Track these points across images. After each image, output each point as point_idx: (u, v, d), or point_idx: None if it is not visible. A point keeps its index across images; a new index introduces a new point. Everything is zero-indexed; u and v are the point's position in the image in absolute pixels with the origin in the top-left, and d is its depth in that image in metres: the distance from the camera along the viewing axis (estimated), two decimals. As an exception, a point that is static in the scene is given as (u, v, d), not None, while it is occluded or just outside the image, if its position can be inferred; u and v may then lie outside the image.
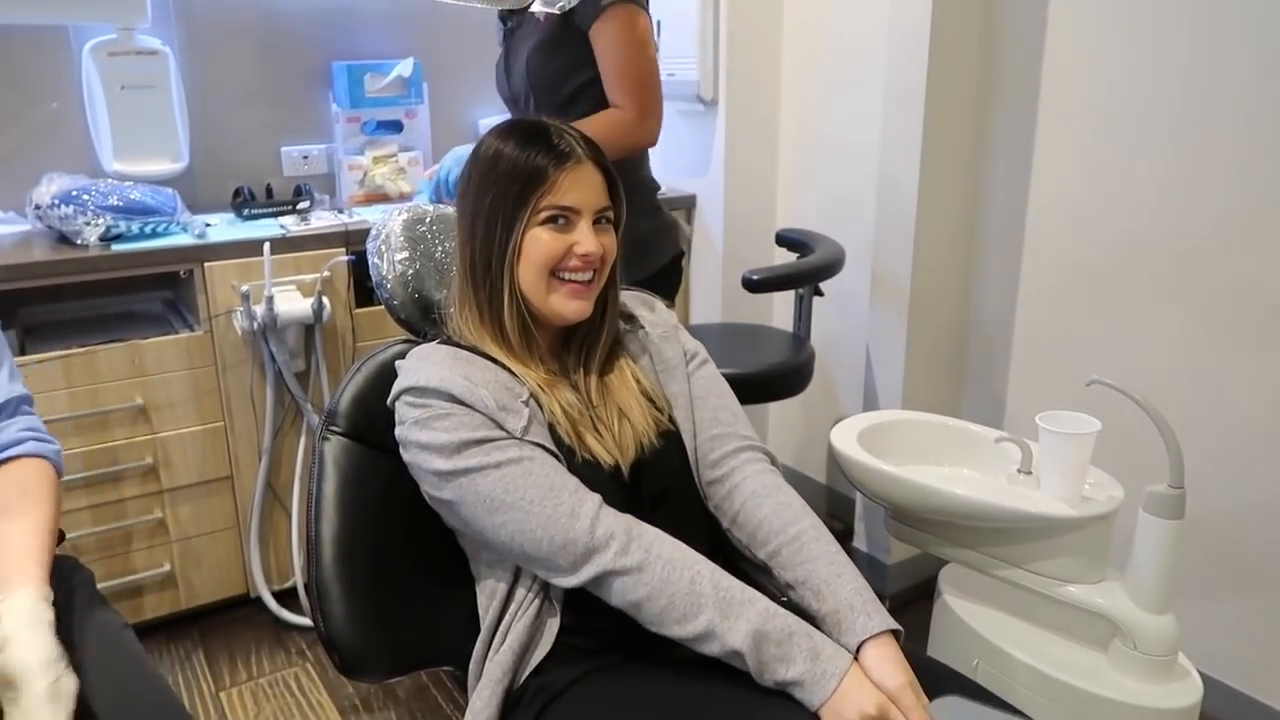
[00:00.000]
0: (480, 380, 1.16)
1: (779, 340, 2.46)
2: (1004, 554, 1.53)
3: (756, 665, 1.05)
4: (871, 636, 1.08)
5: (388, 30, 2.76)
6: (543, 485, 1.10)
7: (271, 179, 2.64)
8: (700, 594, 1.07)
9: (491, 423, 1.13)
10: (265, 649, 2.31)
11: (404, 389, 1.18)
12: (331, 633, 1.24)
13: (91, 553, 2.18)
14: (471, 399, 1.13)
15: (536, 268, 1.20)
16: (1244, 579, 1.90)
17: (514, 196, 1.19)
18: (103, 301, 2.39)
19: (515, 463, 1.11)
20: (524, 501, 1.10)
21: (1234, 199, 1.82)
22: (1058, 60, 2.10)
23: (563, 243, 1.19)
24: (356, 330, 2.36)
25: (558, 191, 1.19)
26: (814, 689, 1.03)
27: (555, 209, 1.19)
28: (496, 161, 1.21)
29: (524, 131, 1.23)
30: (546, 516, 1.09)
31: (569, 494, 1.10)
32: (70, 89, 2.40)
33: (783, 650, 1.04)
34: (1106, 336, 2.09)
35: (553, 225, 1.19)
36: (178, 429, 2.21)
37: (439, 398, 1.14)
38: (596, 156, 1.23)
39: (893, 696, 1.03)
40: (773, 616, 1.06)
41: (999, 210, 2.28)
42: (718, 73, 2.73)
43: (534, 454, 1.12)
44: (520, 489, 1.10)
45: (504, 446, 1.12)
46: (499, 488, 1.11)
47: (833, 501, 2.89)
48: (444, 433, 1.13)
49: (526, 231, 1.19)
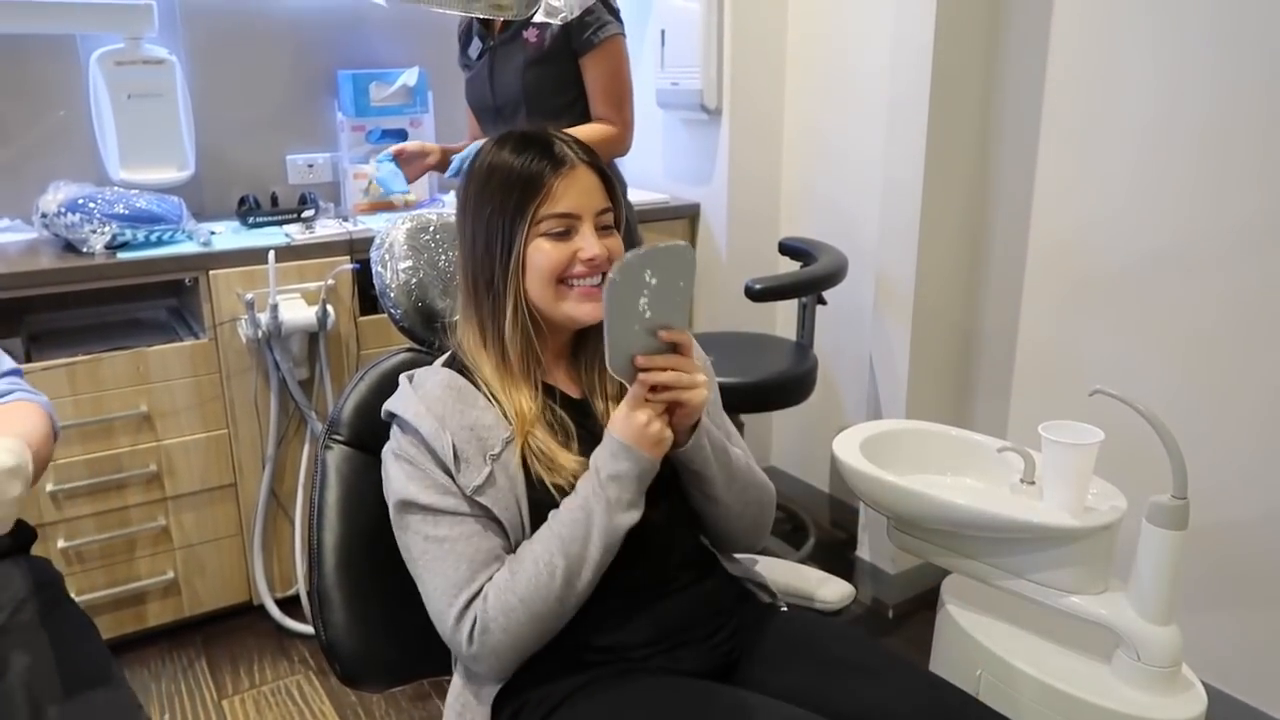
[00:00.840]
0: (454, 423, 1.15)
1: (782, 349, 2.46)
2: (1007, 564, 1.52)
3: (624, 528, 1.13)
4: None
5: (393, 39, 2.77)
6: (451, 578, 1.12)
7: (276, 187, 2.65)
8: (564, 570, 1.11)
9: (446, 478, 1.13)
10: (268, 657, 2.30)
11: (389, 412, 1.21)
12: (333, 641, 1.24)
13: (94, 560, 2.18)
14: (434, 443, 1.13)
15: (543, 278, 1.19)
16: (1248, 590, 1.89)
17: (511, 208, 1.18)
18: (107, 309, 2.40)
19: (439, 543, 1.13)
20: (432, 579, 1.13)
21: (1238, 209, 1.82)
22: (1061, 69, 2.10)
23: (566, 251, 1.18)
24: (361, 338, 2.37)
25: (555, 199, 1.17)
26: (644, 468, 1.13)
27: (554, 217, 1.17)
28: (491, 174, 1.20)
29: (517, 141, 1.21)
30: (438, 610, 1.13)
31: (465, 593, 1.11)
32: (77, 97, 2.41)
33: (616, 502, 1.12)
34: (1109, 346, 2.09)
35: (554, 235, 1.18)
36: (182, 436, 2.22)
37: (411, 434, 1.16)
38: (591, 159, 1.22)
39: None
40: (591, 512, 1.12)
41: (1002, 219, 2.28)
42: (721, 82, 2.73)
43: (463, 532, 1.13)
44: (434, 569, 1.13)
45: (439, 520, 1.13)
46: (421, 557, 1.14)
47: (836, 511, 2.88)
48: (403, 477, 1.15)
49: (528, 243, 1.18)
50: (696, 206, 2.91)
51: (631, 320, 1.11)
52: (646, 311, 1.11)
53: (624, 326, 1.11)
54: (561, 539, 1.11)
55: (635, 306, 1.10)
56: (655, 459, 1.14)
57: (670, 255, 1.11)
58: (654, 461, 1.14)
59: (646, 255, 1.09)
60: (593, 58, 2.17)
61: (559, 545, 1.11)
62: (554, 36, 2.16)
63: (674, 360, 1.14)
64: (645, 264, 1.09)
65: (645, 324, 1.12)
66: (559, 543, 1.11)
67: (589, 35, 2.14)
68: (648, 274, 1.10)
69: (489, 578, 1.13)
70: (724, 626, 1.26)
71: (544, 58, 2.18)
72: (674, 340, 1.14)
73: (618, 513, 1.12)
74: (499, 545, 1.15)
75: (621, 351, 1.11)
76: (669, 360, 1.14)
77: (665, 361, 1.13)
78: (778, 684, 1.21)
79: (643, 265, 1.09)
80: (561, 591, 1.10)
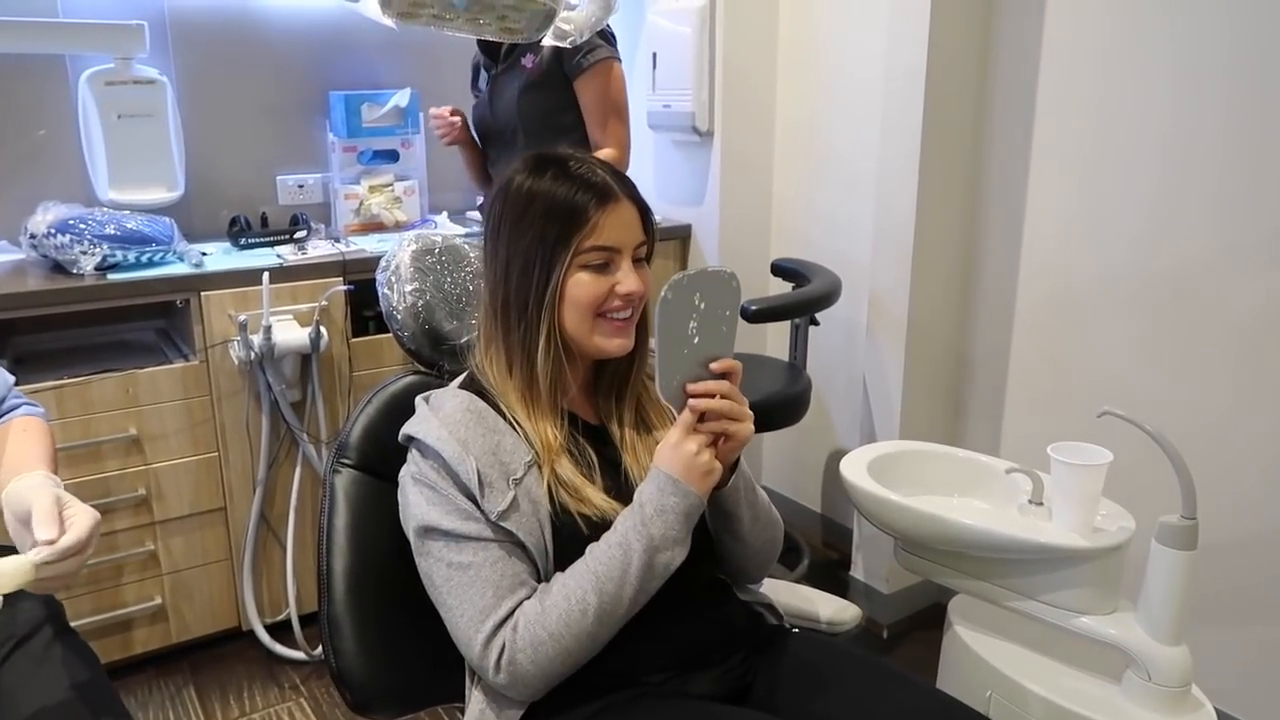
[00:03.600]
0: (477, 447, 1.13)
1: (776, 370, 2.46)
2: (1016, 585, 1.52)
3: (665, 568, 1.10)
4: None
5: (385, 60, 2.76)
6: (477, 604, 1.10)
7: (266, 208, 2.63)
8: (594, 609, 1.09)
9: (469, 503, 1.11)
10: (258, 684, 2.26)
11: (409, 435, 1.18)
12: (343, 669, 1.22)
13: (82, 586, 2.14)
14: (457, 468, 1.11)
15: (581, 310, 1.17)
16: (1258, 610, 1.90)
17: (554, 238, 1.15)
18: (95, 330, 2.37)
19: (463, 569, 1.11)
20: (458, 606, 1.11)
21: (1235, 230, 1.84)
22: (1052, 93, 2.12)
23: (605, 284, 1.17)
24: (353, 360, 2.34)
25: (599, 232, 1.15)
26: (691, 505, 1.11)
27: (597, 250, 1.16)
28: (532, 200, 1.16)
29: (557, 167, 1.18)
30: (465, 638, 1.11)
31: (492, 620, 1.09)
32: (66, 117, 2.39)
33: (659, 541, 1.09)
34: (1103, 366, 2.10)
35: (594, 269, 1.16)
36: (171, 460, 2.18)
37: (432, 459, 1.14)
38: (630, 192, 1.20)
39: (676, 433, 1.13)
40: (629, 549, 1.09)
41: (995, 241, 2.30)
42: (713, 104, 2.74)
43: (487, 560, 1.11)
44: (459, 596, 1.11)
45: (463, 546, 1.11)
46: (444, 584, 1.12)
47: (829, 531, 2.88)
48: (424, 503, 1.13)
49: (569, 274, 1.16)
50: (688, 228, 2.91)
51: (681, 344, 1.10)
52: (695, 336, 1.10)
53: (675, 350, 1.10)
54: (596, 576, 1.09)
55: (685, 330, 1.10)
56: (703, 495, 1.12)
57: (718, 281, 1.12)
58: (701, 498, 1.12)
59: (696, 277, 1.09)
60: (583, 81, 2.27)
61: (593, 583, 1.09)
62: (548, 61, 2.25)
63: (725, 388, 1.13)
64: (695, 286, 1.09)
65: (694, 350, 1.11)
66: (593, 579, 1.09)
67: (578, 59, 2.23)
68: (696, 297, 1.10)
69: (517, 604, 1.11)
70: (738, 651, 1.25)
71: (538, 82, 2.27)
72: (725, 369, 1.14)
73: (661, 551, 1.10)
74: (524, 570, 1.13)
75: (672, 376, 1.11)
76: (720, 387, 1.13)
77: (717, 388, 1.13)
78: (792, 707, 1.21)
79: (693, 287, 1.09)
80: (593, 629, 1.09)
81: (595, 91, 2.27)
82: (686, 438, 1.11)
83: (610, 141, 2.30)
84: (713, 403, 1.12)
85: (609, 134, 2.29)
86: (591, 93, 2.28)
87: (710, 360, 1.13)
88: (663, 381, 1.11)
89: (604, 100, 2.28)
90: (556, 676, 1.11)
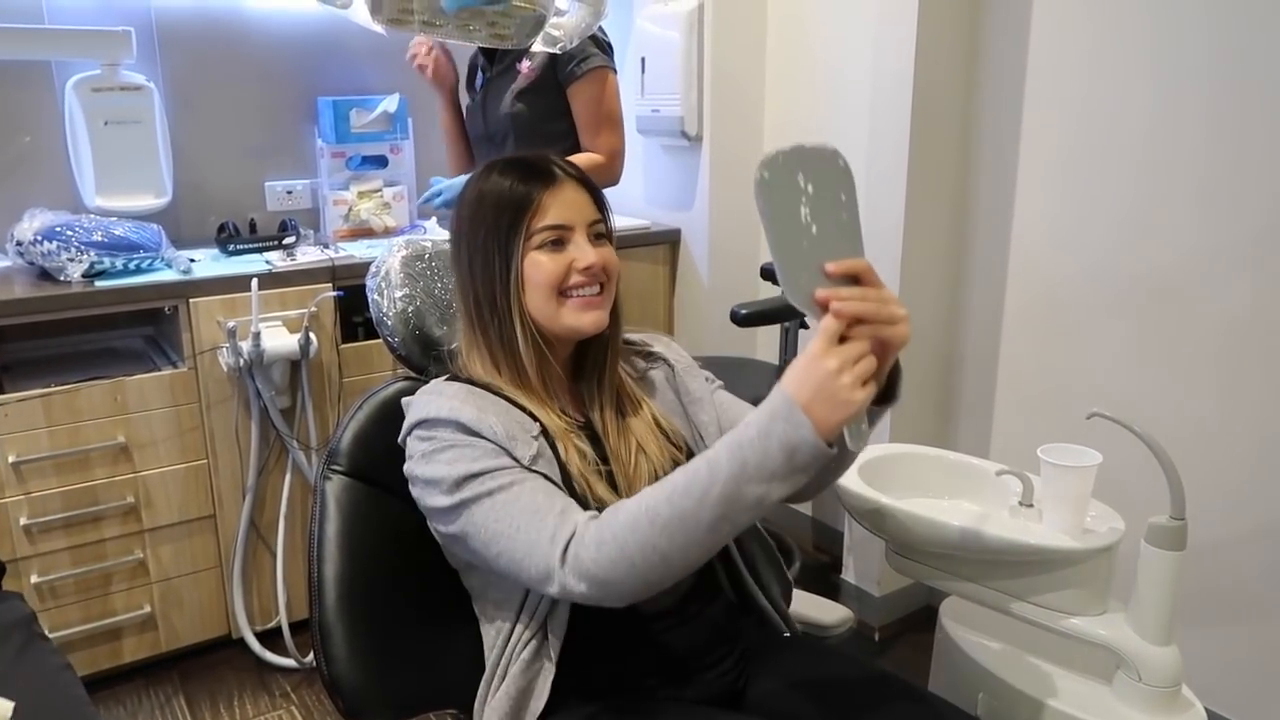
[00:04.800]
0: (492, 411, 1.13)
1: (766, 373, 2.47)
2: (1006, 586, 1.53)
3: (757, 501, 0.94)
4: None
5: (373, 66, 2.76)
6: (529, 509, 1.05)
7: (255, 214, 2.62)
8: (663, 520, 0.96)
9: (498, 450, 1.09)
10: (248, 692, 2.25)
11: (414, 423, 1.15)
12: (335, 676, 1.21)
13: (70, 595, 2.12)
14: (480, 426, 1.10)
15: (542, 291, 1.18)
16: (1248, 610, 1.91)
17: (505, 226, 1.18)
18: (82, 338, 2.36)
19: (506, 489, 1.07)
20: (512, 529, 1.04)
21: (1222, 232, 1.86)
22: (1038, 95, 2.14)
23: (562, 262, 1.18)
24: (343, 366, 2.34)
25: (546, 212, 1.18)
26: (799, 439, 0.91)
27: (547, 229, 1.18)
28: (482, 199, 1.21)
29: (503, 166, 1.23)
30: (531, 543, 1.03)
31: (554, 516, 1.04)
32: (52, 124, 2.38)
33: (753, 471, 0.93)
34: (1092, 368, 2.11)
35: (549, 247, 1.18)
36: (160, 467, 2.18)
37: (447, 428, 1.11)
38: (578, 175, 1.23)
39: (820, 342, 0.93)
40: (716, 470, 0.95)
41: (983, 243, 2.31)
42: (702, 109, 2.75)
43: (528, 478, 1.08)
44: (509, 515, 1.05)
45: (498, 474, 1.08)
46: (491, 516, 1.06)
47: (819, 534, 2.89)
48: (445, 465, 1.09)
49: (525, 258, 1.18)
50: (677, 232, 2.92)
51: (798, 235, 0.90)
52: (812, 225, 0.90)
53: (791, 242, 0.90)
54: (674, 487, 0.97)
55: (797, 217, 0.90)
56: (822, 429, 0.91)
57: (821, 159, 0.93)
58: (814, 433, 0.91)
59: (793, 154, 0.90)
60: (577, 88, 2.27)
61: (667, 492, 0.97)
62: (542, 67, 2.25)
63: (866, 290, 0.94)
64: (796, 164, 0.90)
65: (814, 243, 0.91)
66: (669, 489, 0.98)
67: (572, 67, 2.24)
68: (800, 178, 0.90)
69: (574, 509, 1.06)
70: (730, 654, 1.26)
71: (532, 87, 2.27)
72: (852, 271, 0.94)
73: (753, 482, 0.93)
74: (564, 495, 1.09)
75: (797, 274, 0.91)
76: (860, 291, 0.94)
77: (857, 292, 0.94)
78: (786, 711, 1.21)
79: (792, 165, 0.90)
80: (659, 541, 0.96)
81: (588, 100, 2.28)
82: (827, 352, 0.92)
83: (600, 149, 2.30)
84: (860, 306, 0.92)
85: (600, 142, 2.30)
86: (584, 101, 2.28)
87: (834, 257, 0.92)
88: (787, 281, 0.90)
89: (597, 109, 2.29)
90: (622, 584, 0.99)
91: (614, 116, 2.32)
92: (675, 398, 1.33)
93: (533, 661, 1.15)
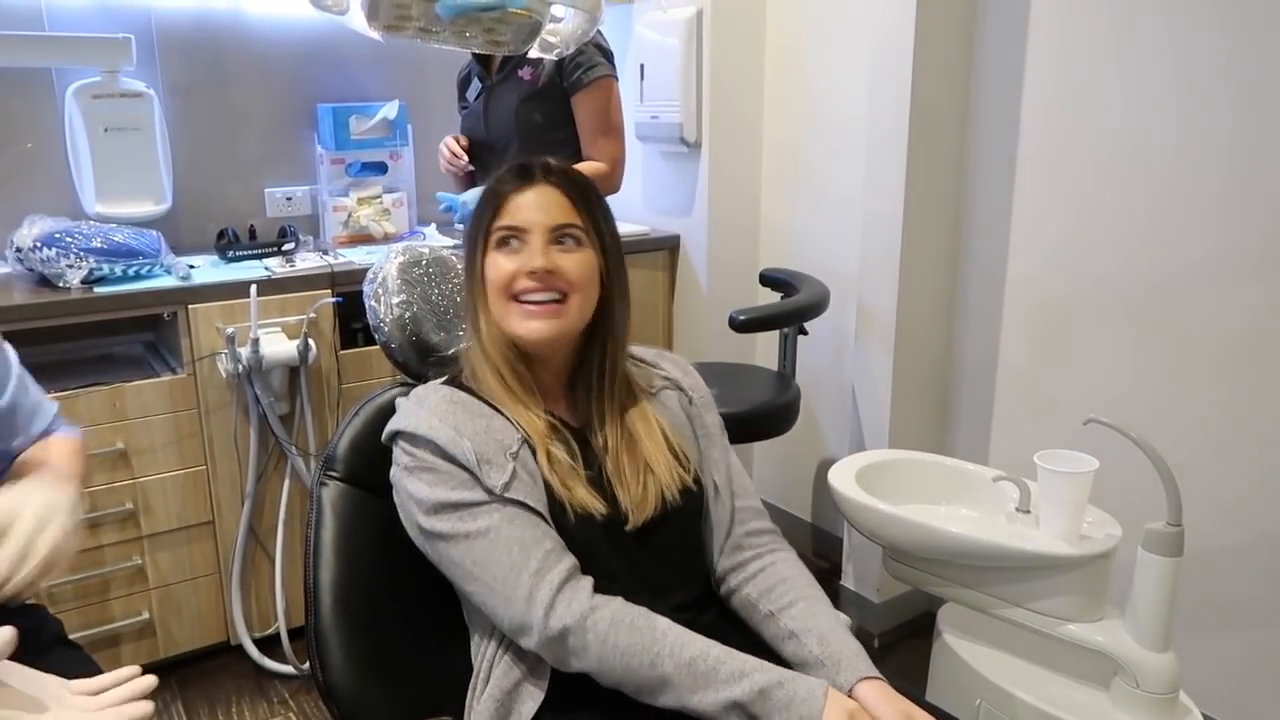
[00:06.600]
0: (469, 430, 1.14)
1: (765, 379, 2.47)
2: (1004, 593, 1.53)
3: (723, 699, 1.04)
4: (869, 678, 1.09)
5: (373, 73, 2.77)
6: (505, 563, 1.08)
7: (255, 220, 2.63)
8: (663, 676, 1.05)
9: (471, 479, 1.11)
10: (246, 698, 2.25)
11: (394, 431, 1.18)
12: (330, 682, 1.21)
13: (68, 601, 2.12)
14: (455, 450, 1.12)
15: (495, 292, 1.19)
16: (1245, 617, 1.91)
17: (475, 225, 1.22)
18: (81, 344, 2.35)
19: (482, 535, 1.10)
20: (489, 578, 1.09)
21: (1220, 238, 1.86)
22: (1037, 101, 2.14)
23: (513, 264, 1.18)
24: (342, 372, 2.34)
25: (506, 213, 1.19)
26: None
27: (504, 229, 1.19)
28: (479, 199, 1.25)
29: (505, 167, 1.25)
30: (506, 598, 1.08)
31: (529, 575, 1.08)
32: (52, 131, 2.38)
33: (762, 708, 1.03)
34: (1090, 374, 2.11)
35: (506, 248, 1.19)
36: (158, 473, 2.18)
37: (425, 447, 1.14)
38: (563, 179, 1.22)
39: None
40: (741, 679, 1.04)
41: (982, 250, 2.31)
42: (701, 115, 2.75)
43: (504, 520, 1.10)
44: (485, 564, 1.09)
45: (476, 514, 1.10)
46: (467, 559, 1.11)
47: (819, 540, 2.88)
48: (426, 486, 1.13)
49: (485, 257, 1.20)
50: (677, 238, 2.92)
51: None
52: None
53: None
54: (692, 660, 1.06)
55: None
56: None
57: None
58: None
59: None
60: (581, 97, 2.28)
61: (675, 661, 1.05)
62: (547, 74, 2.26)
63: None
64: None
65: None
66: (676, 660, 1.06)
67: (579, 75, 2.25)
68: None
69: (569, 565, 1.10)
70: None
71: (537, 94, 2.27)
72: None
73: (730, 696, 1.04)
74: (542, 525, 1.12)
75: None
76: None
77: None
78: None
79: None
80: (647, 679, 1.06)
81: (592, 108, 2.29)
82: None
83: (602, 157, 2.30)
84: None
85: (601, 150, 2.30)
86: (589, 109, 2.29)
87: None
88: None
89: (601, 117, 2.29)
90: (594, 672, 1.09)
91: (617, 125, 2.34)
92: (688, 422, 1.32)
93: (516, 664, 1.15)
